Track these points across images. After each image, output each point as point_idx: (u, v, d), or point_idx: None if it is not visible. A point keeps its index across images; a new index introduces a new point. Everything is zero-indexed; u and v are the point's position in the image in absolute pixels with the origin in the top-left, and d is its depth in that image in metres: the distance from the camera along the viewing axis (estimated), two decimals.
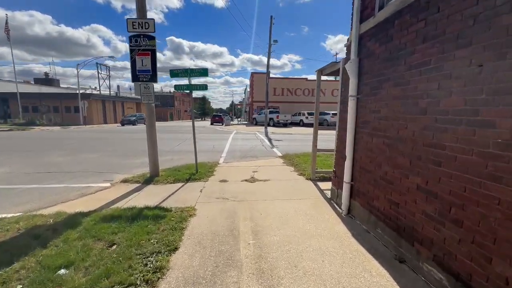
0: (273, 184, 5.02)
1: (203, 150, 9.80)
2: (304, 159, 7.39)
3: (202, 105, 74.19)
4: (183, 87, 5.44)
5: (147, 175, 5.53)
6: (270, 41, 20.57)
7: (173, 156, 8.69)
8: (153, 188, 4.83)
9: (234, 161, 7.88)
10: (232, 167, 6.65)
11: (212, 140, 13.52)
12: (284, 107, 29.67)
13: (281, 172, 6.07)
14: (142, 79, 5.07)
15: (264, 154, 9.21)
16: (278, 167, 6.62)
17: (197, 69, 5.41)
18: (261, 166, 6.72)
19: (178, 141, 12.78)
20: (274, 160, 7.88)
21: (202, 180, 5.29)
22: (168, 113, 61.71)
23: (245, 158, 8.50)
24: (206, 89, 5.49)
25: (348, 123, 3.28)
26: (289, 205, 3.86)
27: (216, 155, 8.92)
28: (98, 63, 45.14)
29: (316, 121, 5.29)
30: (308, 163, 6.79)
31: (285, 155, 8.38)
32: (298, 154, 8.25)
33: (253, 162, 7.46)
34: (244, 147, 10.67)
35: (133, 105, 40.25)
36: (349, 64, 3.17)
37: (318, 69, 4.93)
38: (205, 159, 8.14)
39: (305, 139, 13.85)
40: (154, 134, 5.37)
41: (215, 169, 6.31)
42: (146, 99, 5.11)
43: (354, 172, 3.31)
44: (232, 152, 9.46)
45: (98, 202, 4.05)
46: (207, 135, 16.73)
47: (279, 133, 18.18)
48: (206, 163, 7.07)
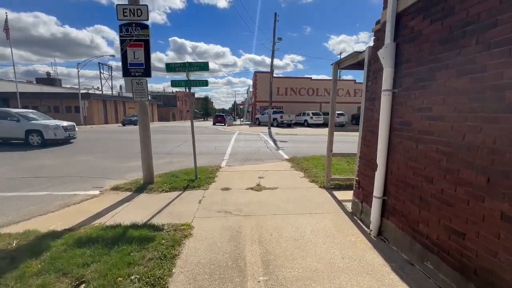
0: (282, 193, 4.39)
1: (204, 152, 9.21)
2: (314, 162, 6.75)
3: (205, 105, 73.87)
4: (181, 83, 4.83)
5: (140, 182, 4.94)
6: (274, 39, 19.94)
7: (172, 159, 8.10)
8: (145, 198, 4.23)
9: (238, 164, 7.26)
10: (235, 172, 6.03)
11: (214, 141, 12.92)
12: (288, 107, 29.02)
13: (290, 178, 5.44)
14: (134, 73, 4.47)
15: (269, 156, 8.58)
16: (286, 173, 5.98)
17: (196, 63, 4.80)
18: (267, 171, 6.09)
19: (179, 142, 12.20)
20: (281, 164, 7.25)
21: (202, 188, 4.68)
22: (170, 113, 61.35)
23: (249, 161, 7.88)
24: (207, 85, 4.89)
25: (380, 124, 2.65)
26: (304, 221, 3.23)
27: (218, 157, 8.32)
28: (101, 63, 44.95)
29: (331, 122, 4.65)
30: (319, 167, 6.16)
31: (292, 158, 7.75)
32: (306, 157, 7.61)
33: (258, 166, 6.84)
34: (248, 149, 10.06)
35: (135, 105, 39.82)
36: (384, 50, 2.53)
37: (335, 62, 4.30)
38: (206, 162, 7.55)
39: (312, 141, 13.21)
40: (147, 136, 4.77)
41: (216, 175, 5.70)
42: (138, 96, 4.51)
43: (388, 185, 2.67)
44: (235, 155, 8.85)
45: (79, 216, 3.46)
46: (208, 136, 16.15)
47: (284, 134, 17.53)
48: (207, 167, 6.46)
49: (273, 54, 20.10)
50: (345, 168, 6.20)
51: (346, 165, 6.69)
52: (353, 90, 30.90)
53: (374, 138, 2.92)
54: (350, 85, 30.79)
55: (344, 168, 6.19)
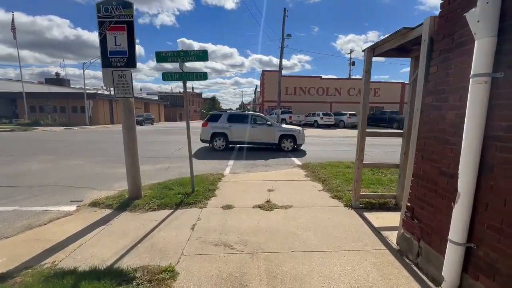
0: (299, 215, 3.44)
1: (206, 159, 8.34)
2: (332, 171, 5.76)
3: (212, 105, 73.72)
4: (174, 77, 3.96)
5: (125, 196, 4.09)
6: (283, 35, 18.98)
7: (171, 164, 7.27)
8: (126, 219, 3.36)
9: (243, 171, 6.36)
10: (240, 183, 5.12)
11: None
12: (297, 107, 27.95)
13: (306, 192, 4.48)
14: (116, 64, 3.62)
15: (279, 161, 7.64)
16: (301, 184, 5.03)
17: (192, 51, 3.92)
18: (278, 181, 5.15)
19: (181, 144, 11.40)
20: (293, 171, 6.29)
21: (198, 205, 3.79)
22: (177, 113, 61.15)
23: (257, 166, 6.96)
24: (205, 78, 3.99)
25: (466, 129, 1.68)
26: (336, 265, 2.28)
27: (222, 163, 7.43)
28: None
29: (363, 124, 3.67)
30: (339, 178, 5.17)
31: (306, 165, 6.77)
32: (322, 164, 6.62)
33: (267, 174, 5.91)
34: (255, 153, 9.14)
35: (141, 105, 39.58)
36: (481, 9, 1.56)
37: (368, 47, 3.32)
38: (208, 169, 6.67)
39: (324, 143, 12.17)
40: (133, 140, 3.91)
41: (217, 186, 4.81)
42: (121, 91, 3.66)
43: (478, 226, 1.70)
44: (240, 160, 7.95)
45: (34, 247, 2.63)
46: None
47: None
48: (207, 175, 5.57)
49: (282, 51, 19.14)
50: (370, 178, 5.19)
51: (371, 173, 5.67)
52: None
53: (445, 149, 1.94)
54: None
55: (369, 178, 5.17)
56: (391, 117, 23.71)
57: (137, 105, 38.64)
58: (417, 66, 3.23)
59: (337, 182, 4.84)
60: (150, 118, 32.99)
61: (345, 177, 5.19)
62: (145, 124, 31.24)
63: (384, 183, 4.82)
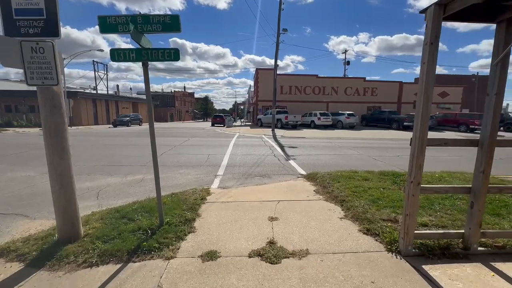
0: (324, 273, 2.15)
1: (192, 164, 6.96)
2: (348, 185, 4.50)
3: (204, 105, 71.92)
4: (128, 55, 2.61)
5: (55, 237, 2.70)
6: (278, 30, 17.73)
7: (146, 175, 5.87)
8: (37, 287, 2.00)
9: (236, 184, 5.05)
10: (231, 204, 3.79)
11: (208, 146, 10.69)
12: (292, 107, 26.79)
13: (323, 220, 3.20)
14: (26, 29, 2.25)
15: (279, 170, 6.35)
16: (312, 206, 3.74)
17: (156, 16, 2.58)
18: (281, 202, 3.86)
19: (166, 147, 9.97)
20: (297, 183, 5.01)
21: (165, 252, 2.45)
22: (168, 113, 59.22)
23: (252, 177, 5.66)
24: (177, 58, 2.66)
25: None
26: None
27: (209, 172, 6.10)
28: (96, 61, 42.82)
29: (422, 126, 2.35)
30: (362, 196, 3.91)
31: (312, 175, 5.51)
32: (332, 174, 5.36)
33: (265, 188, 4.61)
34: (249, 158, 7.82)
35: (128, 105, 37.70)
36: None
37: (437, 2, 2.05)
38: (191, 179, 5.35)
39: (326, 146, 10.97)
40: (61, 154, 2.51)
41: (199, 211, 3.47)
42: (37, 75, 2.28)
43: None
44: (232, 167, 6.61)
45: None
46: (203, 139, 13.91)
47: (290, 136, 15.29)
48: (187, 193, 4.22)
49: (278, 46, 17.88)
50: (400, 196, 3.94)
51: (397, 188, 4.44)
52: (362, 89, 28.63)
53: None
54: (359, 83, 28.53)
55: (397, 197, 3.91)
56: (390, 117, 22.86)
57: (125, 105, 36.83)
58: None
59: (362, 204, 3.57)
60: (137, 118, 31.21)
61: (369, 196, 3.94)
62: (132, 124, 29.48)
63: (425, 205, 3.58)
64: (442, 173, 5.53)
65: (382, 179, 5.08)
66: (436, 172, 5.60)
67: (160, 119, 54.60)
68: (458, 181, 4.86)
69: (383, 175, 5.39)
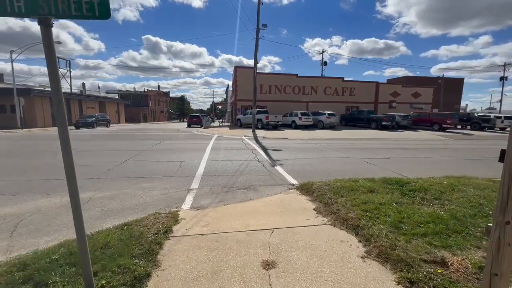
0: None
1: (160, 175, 5.68)
2: (355, 200, 3.64)
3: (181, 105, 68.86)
4: (18, 9, 1.42)
5: None
6: (258, 25, 16.80)
7: (98, 192, 4.54)
8: None
9: (213, 202, 3.97)
10: (206, 242, 2.70)
11: (182, 151, 9.39)
12: (272, 107, 26.05)
13: (340, 263, 2.24)
14: None
15: (266, 179, 5.36)
16: (320, 237, 2.78)
17: None
18: (275, 231, 2.87)
19: (130, 153, 8.51)
20: (292, 199, 4.05)
21: None
22: (141, 113, 55.72)
23: (234, 191, 4.61)
24: (106, 16, 1.54)
25: None
26: None
27: (181, 184, 4.93)
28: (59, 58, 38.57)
29: None
30: (377, 216, 3.05)
31: (307, 186, 4.59)
32: (331, 185, 4.48)
33: (252, 208, 3.57)
34: (230, 165, 6.74)
35: (95, 105, 34.41)
36: None
37: None
38: (157, 197, 4.17)
39: (312, 148, 10.21)
40: None
41: (158, 258, 2.34)
42: None
43: None
44: (210, 178, 5.49)
45: None
46: (177, 142, 12.50)
47: (272, 138, 14.42)
48: (146, 222, 3.05)
49: (257, 42, 16.93)
50: (425, 218, 3.13)
51: (411, 202, 3.66)
52: (341, 89, 28.76)
53: None
54: (338, 83, 28.61)
55: (420, 218, 3.11)
56: (369, 117, 23.05)
57: (91, 105, 33.65)
58: None
59: (383, 232, 2.69)
60: (104, 119, 28.46)
61: (385, 216, 3.08)
62: (98, 126, 26.77)
63: (452, 227, 2.78)
64: (449, 179, 4.92)
65: (388, 189, 4.31)
66: (442, 179, 4.98)
67: (132, 120, 51.12)
68: (472, 189, 4.23)
69: (386, 183, 4.64)
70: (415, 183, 4.61)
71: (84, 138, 14.56)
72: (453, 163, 7.64)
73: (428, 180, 4.87)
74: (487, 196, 3.87)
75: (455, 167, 7.06)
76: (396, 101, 30.09)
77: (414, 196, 3.99)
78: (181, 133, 18.75)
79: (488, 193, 4.03)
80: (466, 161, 7.95)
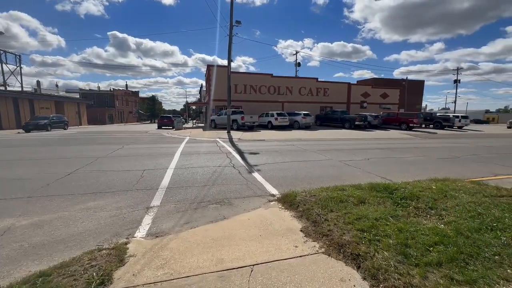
0: None
1: (114, 189, 4.64)
2: (348, 217, 3.11)
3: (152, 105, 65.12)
4: None
5: None
6: (231, 22, 16.02)
7: (23, 217, 3.47)
8: None
9: (178, 225, 3.20)
10: None
11: (148, 157, 8.30)
12: (248, 107, 25.44)
13: None
14: None
15: (242, 190, 4.66)
16: (313, 274, 2.14)
17: None
18: (256, 268, 2.19)
19: (83, 161, 7.24)
20: (273, 216, 3.40)
21: None
22: (106, 114, 51.60)
23: (204, 207, 3.84)
24: None
25: None
26: None
27: (139, 201, 4.01)
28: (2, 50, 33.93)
29: None
30: (382, 242, 2.52)
31: (290, 197, 3.98)
32: (316, 196, 3.93)
33: (227, 236, 2.84)
34: (201, 173, 5.92)
35: (50, 105, 30.82)
36: None
37: None
38: (103, 220, 3.25)
39: (291, 150, 9.72)
40: None
41: None
42: None
43: None
44: (176, 190, 4.63)
45: None
46: (142, 147, 11.25)
47: (248, 139, 13.76)
48: (75, 269, 2.16)
49: (231, 39, 16.14)
50: (430, 237, 2.68)
51: (406, 214, 3.22)
52: (315, 89, 29.07)
53: None
54: (312, 83, 28.87)
55: (426, 238, 2.65)
56: (343, 117, 23.49)
57: (45, 105, 30.09)
58: None
59: (390, 263, 2.15)
60: (61, 120, 25.53)
61: (386, 237, 2.57)
62: (54, 128, 23.91)
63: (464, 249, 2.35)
64: (436, 183, 4.66)
65: (378, 197, 3.87)
66: (429, 183, 4.70)
67: (96, 121, 47.11)
68: (464, 195, 3.95)
69: (375, 190, 4.22)
70: (403, 189, 4.25)
71: (33, 143, 12.57)
72: (429, 163, 7.62)
73: (415, 185, 4.56)
74: (482, 203, 3.59)
75: (432, 167, 7.02)
76: (366, 101, 31.27)
77: (407, 206, 3.58)
78: (149, 136, 17.26)
79: (481, 199, 3.76)
80: (439, 161, 8.01)
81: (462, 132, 22.19)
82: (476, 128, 28.60)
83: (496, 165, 7.40)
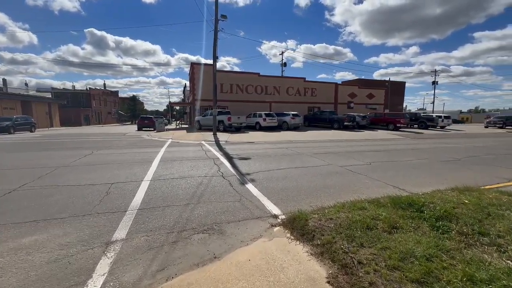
0: None
1: (66, 213, 3.40)
2: (390, 256, 2.27)
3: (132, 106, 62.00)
4: None
5: None
6: (216, 16, 14.96)
7: None
8: None
9: (146, 276, 2.14)
10: None
11: (119, 165, 7.07)
12: (234, 107, 24.41)
13: None
14: None
15: (236, 210, 3.68)
16: None
17: None
18: None
19: (36, 172, 5.91)
20: (282, 255, 2.47)
21: None
22: (82, 115, 48.34)
23: (187, 238, 2.81)
24: None
25: None
26: None
27: (98, 232, 2.89)
28: None
29: None
30: None
31: (299, 222, 3.07)
32: (334, 219, 3.06)
33: None
34: (184, 186, 4.87)
35: (15, 105, 27.98)
36: None
37: None
38: (35, 272, 2.11)
39: (284, 154, 8.84)
40: None
41: None
42: None
43: None
44: (150, 212, 3.57)
45: None
46: (115, 152, 9.89)
47: (237, 142, 12.76)
48: None
49: (216, 35, 15.06)
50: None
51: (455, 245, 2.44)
52: (303, 89, 28.60)
53: None
54: (300, 83, 28.36)
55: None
56: (331, 117, 23.11)
57: (9, 105, 27.27)
58: None
59: None
60: (28, 122, 23.14)
61: None
62: (18, 131, 21.55)
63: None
64: (462, 195, 3.96)
65: (409, 218, 3.09)
66: (454, 194, 3.99)
67: (70, 122, 43.91)
68: (510, 213, 3.25)
69: (400, 208, 3.44)
70: (432, 204, 3.51)
71: None
72: (433, 167, 7.07)
73: (442, 198, 3.84)
74: None
75: (438, 171, 6.46)
76: (353, 101, 31.30)
77: (447, 231, 2.82)
78: (126, 138, 15.74)
79: None
80: (442, 164, 7.51)
81: (446, 132, 22.53)
82: (456, 128, 29.44)
83: (500, 168, 7.00)
